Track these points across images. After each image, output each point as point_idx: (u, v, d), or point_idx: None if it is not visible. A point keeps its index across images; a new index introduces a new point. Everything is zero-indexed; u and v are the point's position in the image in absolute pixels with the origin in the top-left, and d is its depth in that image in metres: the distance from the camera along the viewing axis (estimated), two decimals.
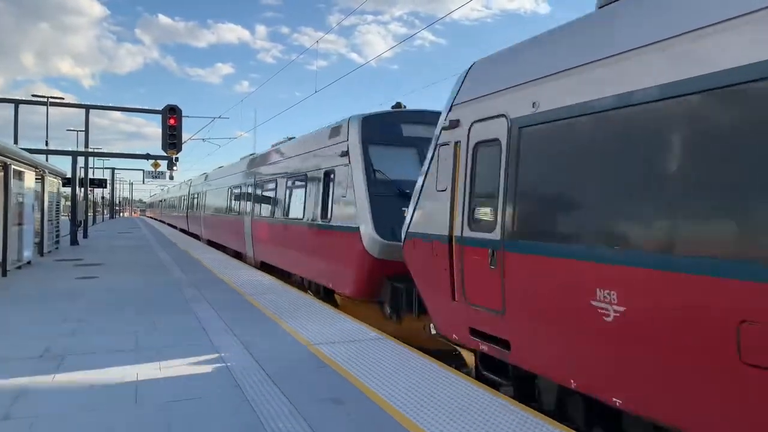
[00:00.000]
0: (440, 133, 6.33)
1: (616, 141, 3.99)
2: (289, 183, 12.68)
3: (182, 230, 35.99)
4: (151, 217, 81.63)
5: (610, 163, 4.01)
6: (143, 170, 52.87)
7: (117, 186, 72.60)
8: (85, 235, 26.94)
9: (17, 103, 23.13)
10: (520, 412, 4.49)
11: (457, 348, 6.32)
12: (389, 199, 8.68)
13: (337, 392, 4.94)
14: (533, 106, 4.76)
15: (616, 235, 3.92)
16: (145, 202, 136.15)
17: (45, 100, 25.55)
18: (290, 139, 15.15)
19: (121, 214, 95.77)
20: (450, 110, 6.18)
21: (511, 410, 4.54)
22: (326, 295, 10.62)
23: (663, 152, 3.66)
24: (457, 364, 6.54)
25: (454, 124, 5.97)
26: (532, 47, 5.26)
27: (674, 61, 3.60)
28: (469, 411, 4.51)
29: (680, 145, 3.57)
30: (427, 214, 6.49)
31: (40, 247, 17.08)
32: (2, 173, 12.22)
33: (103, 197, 62.41)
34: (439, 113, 6.62)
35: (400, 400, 4.75)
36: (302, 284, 12.18)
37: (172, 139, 17.08)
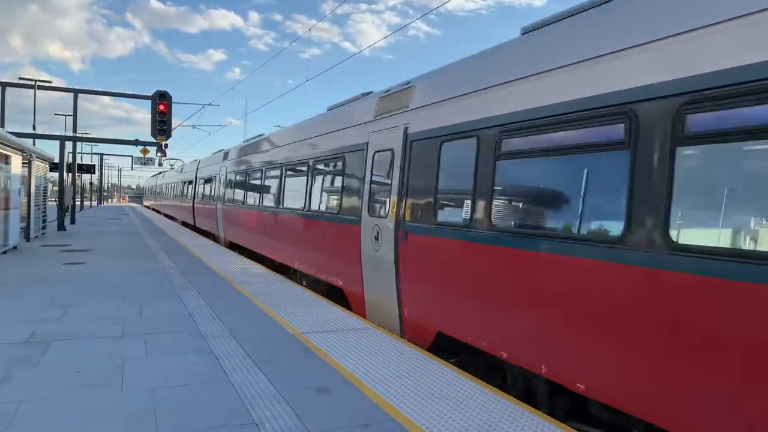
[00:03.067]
0: None
1: None
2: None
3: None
4: (153, 209, 53.25)
5: None
6: (132, 156, 52.62)
7: (105, 172, 71.99)
8: (73, 221, 26.72)
9: (4, 85, 22.81)
10: (507, 403, 4.56)
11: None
12: None
13: (323, 380, 4.98)
14: None
15: None
16: (134, 189, 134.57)
17: (32, 83, 25.22)
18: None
19: (110, 200, 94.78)
20: None
21: (498, 400, 4.60)
22: None
23: None
24: (448, 354, 6.60)
25: None
26: None
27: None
28: (454, 399, 4.57)
29: None
30: None
31: (26, 232, 16.92)
32: None
33: (91, 183, 61.58)
34: None
35: (385, 388, 4.80)
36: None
37: (162, 126, 16.99)
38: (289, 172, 12.16)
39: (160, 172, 53.63)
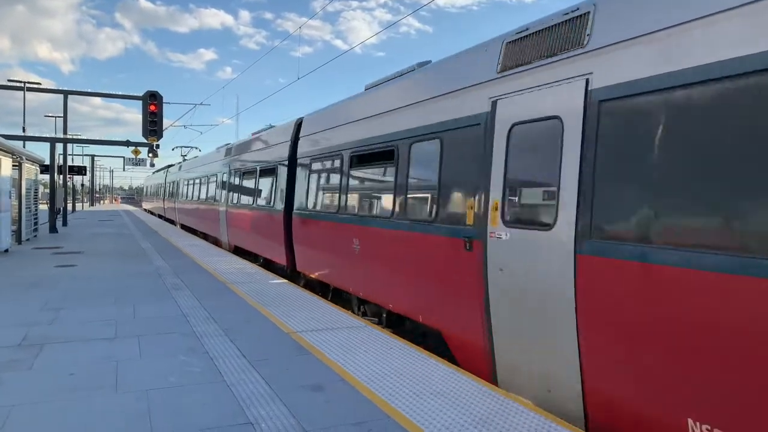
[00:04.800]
0: None
1: None
2: None
3: None
4: (161, 216, 38.67)
5: None
6: (123, 157, 52.07)
7: (97, 173, 71.49)
8: (65, 223, 26.55)
9: None
10: (501, 398, 4.57)
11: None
12: None
13: (318, 378, 4.98)
14: None
15: None
16: (126, 190, 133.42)
17: (21, 85, 25.02)
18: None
19: (102, 202, 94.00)
20: None
21: (491, 395, 4.62)
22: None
23: None
24: (441, 349, 6.61)
25: None
26: None
27: None
28: (449, 395, 4.58)
29: None
30: None
31: (17, 235, 16.80)
32: None
33: (82, 185, 61.04)
34: None
35: (380, 385, 4.81)
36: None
37: (153, 126, 16.90)
38: None
39: (169, 165, 37.54)
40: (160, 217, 38.33)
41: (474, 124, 5.71)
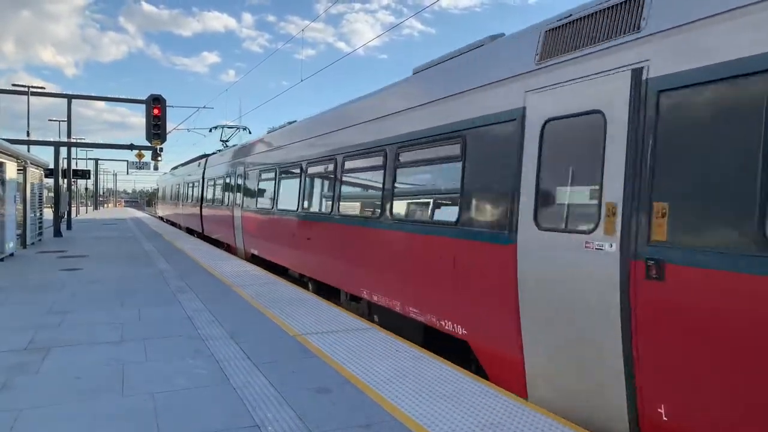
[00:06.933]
0: None
1: None
2: None
3: None
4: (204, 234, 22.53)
5: None
6: (127, 161, 52.22)
7: (101, 177, 71.68)
8: (69, 227, 26.63)
9: None
10: (508, 400, 4.56)
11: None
12: None
13: (324, 380, 4.98)
14: None
15: None
16: (129, 193, 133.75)
17: (26, 89, 25.16)
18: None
19: (106, 205, 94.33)
20: None
21: (498, 398, 4.61)
22: None
23: None
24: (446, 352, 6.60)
25: None
26: None
27: None
28: (456, 397, 4.57)
29: None
30: None
31: (22, 239, 16.86)
32: None
33: (86, 188, 61.09)
34: None
35: (387, 387, 4.80)
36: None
37: (156, 129, 16.98)
38: None
39: (206, 155, 24.90)
40: (189, 231, 26.53)
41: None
